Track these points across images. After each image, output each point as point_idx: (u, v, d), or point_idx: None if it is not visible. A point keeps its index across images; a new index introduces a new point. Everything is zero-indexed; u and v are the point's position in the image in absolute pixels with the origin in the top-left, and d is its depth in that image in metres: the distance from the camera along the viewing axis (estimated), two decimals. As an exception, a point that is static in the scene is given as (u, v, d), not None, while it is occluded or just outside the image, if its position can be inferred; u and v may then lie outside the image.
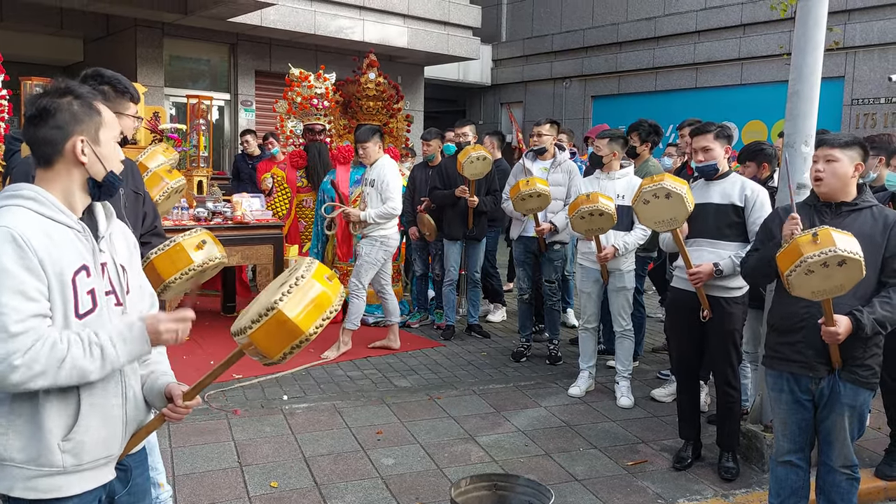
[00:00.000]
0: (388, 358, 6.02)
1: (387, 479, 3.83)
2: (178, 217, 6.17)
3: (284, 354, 1.90)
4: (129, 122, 2.81)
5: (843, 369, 3.02)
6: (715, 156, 3.98)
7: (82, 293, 1.79)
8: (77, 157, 1.82)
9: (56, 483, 1.79)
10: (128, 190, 2.99)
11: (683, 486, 3.87)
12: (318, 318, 1.89)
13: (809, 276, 2.73)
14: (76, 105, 1.83)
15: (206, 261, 2.82)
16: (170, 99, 12.22)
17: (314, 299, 1.89)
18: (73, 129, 1.81)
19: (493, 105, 18.64)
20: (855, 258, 2.69)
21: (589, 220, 4.66)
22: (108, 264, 1.90)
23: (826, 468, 3.18)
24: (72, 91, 1.84)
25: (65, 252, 1.77)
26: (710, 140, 3.98)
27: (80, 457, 1.81)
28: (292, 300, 1.86)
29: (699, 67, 14.33)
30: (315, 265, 1.99)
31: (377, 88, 7.20)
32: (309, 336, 1.87)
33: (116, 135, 1.93)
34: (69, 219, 1.81)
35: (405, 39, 13.49)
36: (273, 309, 1.85)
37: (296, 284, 1.89)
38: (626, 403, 5.08)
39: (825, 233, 2.74)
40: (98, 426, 1.84)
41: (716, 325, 3.96)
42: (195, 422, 4.46)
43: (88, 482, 1.85)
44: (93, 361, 1.74)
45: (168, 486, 3.28)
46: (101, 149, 1.86)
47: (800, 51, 3.94)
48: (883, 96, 11.80)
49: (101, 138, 1.86)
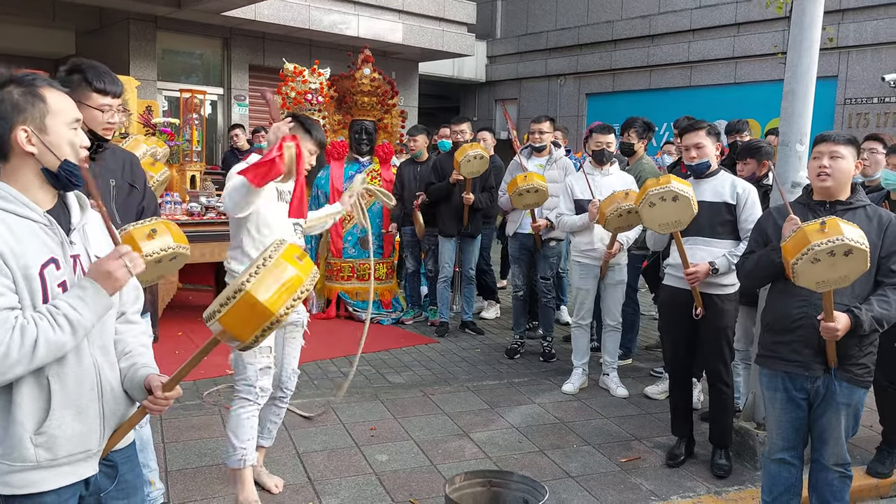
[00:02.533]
0: (382, 354, 6.02)
1: (380, 475, 3.83)
2: (171, 212, 6.14)
3: (256, 337, 1.87)
4: (93, 114, 2.65)
5: (839, 368, 3.03)
6: (707, 153, 3.99)
7: (52, 286, 1.76)
8: (23, 147, 1.76)
9: (30, 478, 1.76)
10: (122, 182, 2.94)
11: (676, 483, 3.88)
12: (288, 298, 1.85)
13: (815, 265, 2.73)
14: (16, 94, 1.77)
15: (157, 250, 2.64)
16: (162, 93, 12.15)
17: (284, 280, 1.86)
18: (15, 118, 1.76)
19: (487, 102, 18.64)
20: (861, 248, 2.70)
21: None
22: (80, 256, 1.86)
23: (819, 466, 3.19)
24: (13, 80, 1.79)
25: (29, 246, 1.73)
26: (702, 137, 3.98)
27: (55, 451, 1.78)
28: (260, 281, 1.82)
29: (693, 66, 14.36)
30: (285, 245, 1.95)
31: (372, 84, 7.18)
32: (279, 317, 1.83)
33: (71, 122, 1.83)
34: (33, 212, 1.78)
35: (400, 35, 13.47)
36: (241, 291, 1.81)
37: (263, 265, 1.86)
38: (623, 393, 5.14)
39: (833, 222, 2.75)
40: (72, 420, 1.81)
41: (709, 322, 3.97)
42: (188, 417, 4.44)
43: (65, 477, 1.81)
44: (63, 332, 1.71)
45: (160, 484, 3.26)
46: (49, 137, 1.79)
47: (795, 50, 3.95)
48: (876, 96, 11.85)
49: (48, 126, 1.79)
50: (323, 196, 7.14)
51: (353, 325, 6.91)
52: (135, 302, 2.07)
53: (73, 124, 1.84)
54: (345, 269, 7.18)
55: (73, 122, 1.85)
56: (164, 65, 12.30)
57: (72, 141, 1.84)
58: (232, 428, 3.33)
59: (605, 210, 4.64)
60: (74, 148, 1.84)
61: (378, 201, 7.05)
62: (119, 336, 2.00)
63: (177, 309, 6.67)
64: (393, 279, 7.47)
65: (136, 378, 1.95)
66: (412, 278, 7.35)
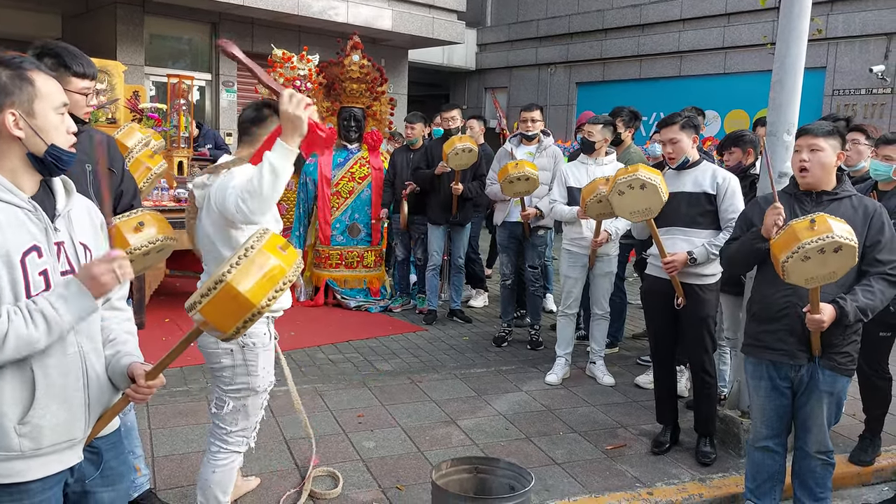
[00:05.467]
0: (370, 341, 6.02)
1: (367, 461, 3.84)
2: (158, 198, 6.11)
3: (237, 329, 1.85)
4: (75, 99, 2.61)
5: (823, 356, 3.06)
6: (683, 147, 3.99)
7: (33, 274, 1.73)
8: (10, 131, 1.73)
9: (15, 468, 1.75)
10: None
11: (661, 470, 3.91)
12: (270, 289, 1.83)
13: (805, 263, 2.75)
14: (4, 76, 1.74)
15: (144, 243, 2.65)
16: (150, 78, 12.03)
17: (265, 271, 1.83)
18: (3, 101, 1.72)
19: (477, 90, 18.58)
20: (850, 244, 2.72)
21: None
22: (65, 244, 1.83)
23: (802, 453, 3.23)
24: (1, 62, 1.75)
25: (11, 233, 1.71)
26: (676, 131, 3.97)
27: (39, 441, 1.76)
28: (241, 272, 1.80)
29: (683, 56, 14.37)
30: (267, 235, 1.92)
31: (361, 71, 7.15)
32: (261, 309, 1.81)
33: (59, 106, 1.81)
34: (17, 198, 1.75)
35: (389, 22, 13.38)
36: (221, 282, 1.80)
37: (245, 255, 1.84)
38: (610, 381, 5.18)
39: (822, 219, 2.77)
40: (57, 409, 1.79)
41: (690, 312, 3.99)
42: (175, 403, 4.44)
43: (49, 466, 1.80)
44: (37, 329, 1.69)
45: (146, 470, 3.26)
46: (37, 121, 1.76)
47: (783, 40, 3.96)
48: (863, 87, 11.90)
49: (36, 110, 1.76)
50: (312, 183, 7.12)
51: (341, 313, 6.91)
52: (120, 288, 2.05)
53: (60, 109, 1.82)
54: (333, 257, 7.17)
55: (61, 106, 1.82)
56: (151, 50, 12.17)
57: (59, 126, 1.81)
58: (218, 482, 2.88)
59: (586, 197, 4.66)
60: (61, 133, 1.81)
61: (365, 189, 7.06)
62: (104, 323, 1.99)
63: (164, 295, 6.65)
64: (381, 267, 7.47)
65: (120, 366, 1.94)
66: (401, 266, 7.35)
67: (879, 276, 2.99)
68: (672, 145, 3.99)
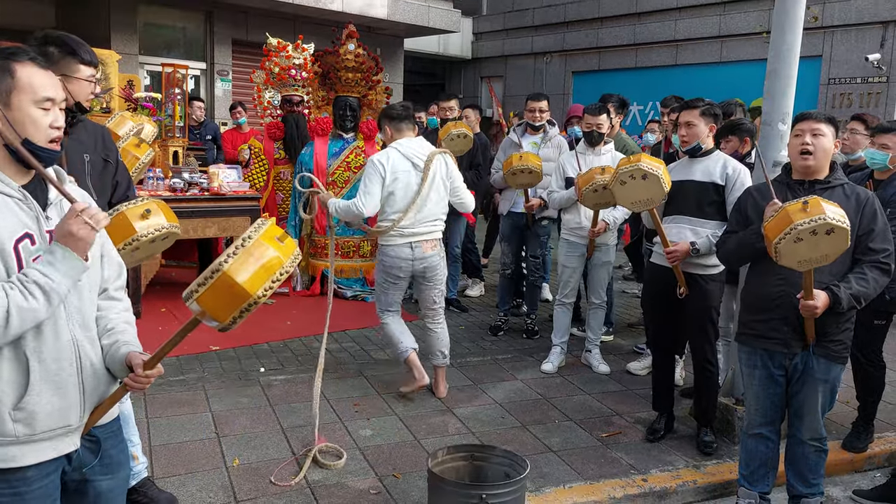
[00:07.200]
0: (367, 331, 6.03)
1: (364, 450, 3.86)
2: (153, 187, 6.09)
3: (234, 319, 1.85)
4: (83, 87, 2.63)
5: (817, 344, 3.08)
6: (697, 132, 3.99)
7: (28, 261, 1.75)
8: None
9: (9, 453, 1.77)
10: (96, 157, 2.91)
11: (656, 458, 3.94)
12: (266, 280, 1.83)
13: (798, 244, 2.77)
14: None
15: (150, 231, 2.66)
16: (144, 67, 11.98)
17: (263, 261, 1.84)
18: None
19: (472, 79, 18.53)
20: (842, 226, 2.74)
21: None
22: None
23: (795, 441, 3.25)
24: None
25: (3, 220, 1.73)
26: (695, 116, 3.98)
27: (34, 426, 1.78)
28: (238, 262, 1.81)
29: (679, 44, 14.33)
30: (266, 225, 1.93)
31: (356, 60, 7.11)
32: (257, 299, 1.81)
33: (40, 100, 1.78)
34: (7, 186, 1.77)
35: (385, 10, 13.31)
36: (218, 271, 1.80)
37: (242, 245, 1.84)
38: (605, 370, 5.20)
39: (815, 201, 2.78)
40: (51, 396, 1.80)
41: (693, 302, 4.00)
42: (172, 392, 4.45)
43: (44, 452, 1.82)
44: (35, 299, 1.70)
45: (143, 458, 3.27)
46: (12, 114, 1.74)
47: (779, 29, 3.96)
48: (859, 76, 11.89)
49: (12, 102, 1.74)
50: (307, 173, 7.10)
51: (338, 303, 6.90)
52: (117, 278, 2.05)
53: (42, 103, 1.79)
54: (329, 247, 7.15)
55: (44, 100, 1.79)
56: (145, 38, 12.10)
57: (38, 120, 1.78)
58: None
59: (582, 186, 4.66)
60: (39, 128, 1.79)
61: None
62: (102, 312, 1.99)
63: (160, 285, 6.64)
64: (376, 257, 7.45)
65: (118, 355, 1.95)
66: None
67: (872, 264, 3.00)
68: (687, 128, 3.99)
